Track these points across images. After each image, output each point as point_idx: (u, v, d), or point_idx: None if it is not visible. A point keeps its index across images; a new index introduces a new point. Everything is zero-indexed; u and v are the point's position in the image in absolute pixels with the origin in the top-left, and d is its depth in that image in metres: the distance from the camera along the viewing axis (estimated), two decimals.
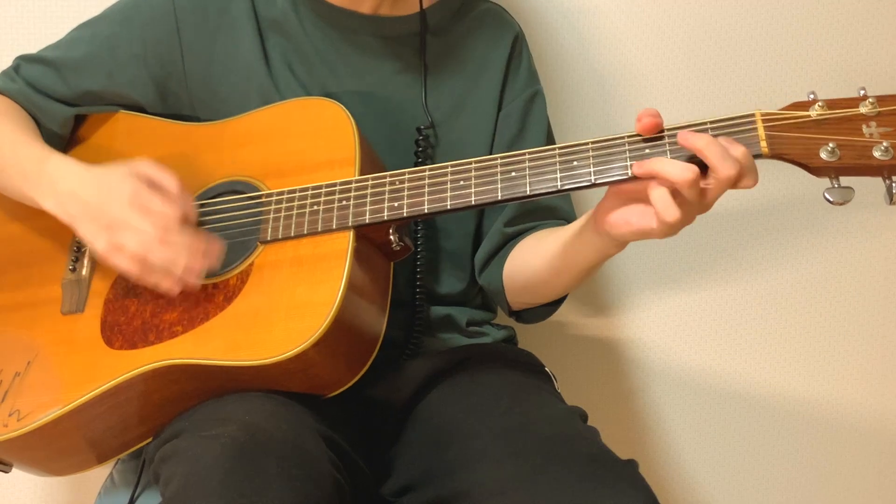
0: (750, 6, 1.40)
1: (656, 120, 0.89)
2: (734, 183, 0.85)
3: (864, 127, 0.82)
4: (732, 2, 1.40)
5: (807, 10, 1.40)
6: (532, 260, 1.09)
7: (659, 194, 0.86)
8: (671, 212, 0.86)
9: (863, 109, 0.83)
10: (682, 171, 0.85)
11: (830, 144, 0.82)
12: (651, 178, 0.87)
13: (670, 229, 0.88)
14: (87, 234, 0.99)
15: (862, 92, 0.84)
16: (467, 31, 1.16)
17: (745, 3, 1.40)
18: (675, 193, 0.86)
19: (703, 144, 0.85)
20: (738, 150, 0.85)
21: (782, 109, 0.86)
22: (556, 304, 1.15)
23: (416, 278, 1.11)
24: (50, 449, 1.03)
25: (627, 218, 0.91)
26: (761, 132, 0.85)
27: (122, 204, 0.97)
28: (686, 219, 0.88)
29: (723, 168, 0.84)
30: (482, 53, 1.16)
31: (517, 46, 1.18)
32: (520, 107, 1.16)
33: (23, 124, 1.10)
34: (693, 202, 0.86)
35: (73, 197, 1.00)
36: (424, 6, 1.13)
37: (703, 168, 0.86)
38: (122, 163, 1.02)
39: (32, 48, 1.16)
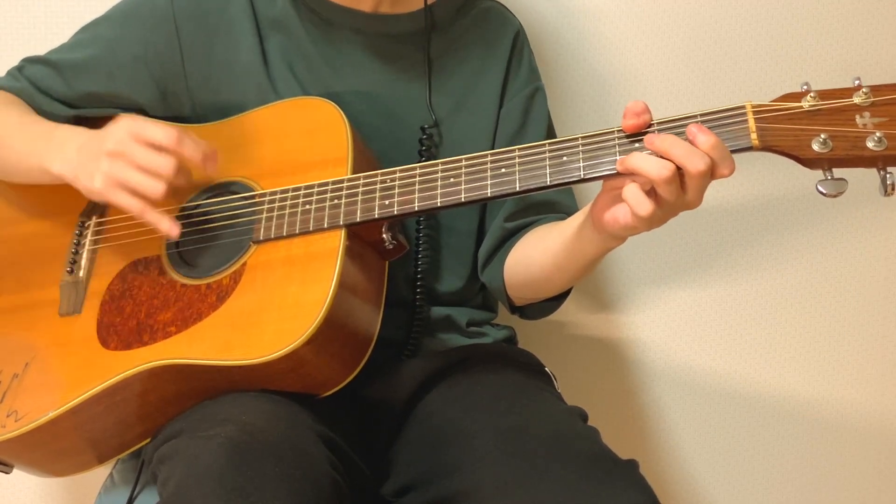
0: (749, 5, 1.39)
1: (640, 120, 0.88)
2: (707, 176, 0.85)
3: (857, 117, 0.81)
4: (732, 1, 1.39)
5: (805, 8, 1.39)
6: (534, 256, 1.09)
7: (629, 190, 0.86)
8: (643, 206, 0.86)
9: (856, 99, 0.82)
10: (659, 170, 0.84)
11: (822, 135, 0.81)
12: (632, 174, 0.87)
13: (648, 222, 0.88)
14: (86, 173, 0.99)
15: (856, 82, 0.83)
16: (469, 29, 1.16)
17: (744, 1, 1.39)
18: (652, 189, 0.86)
19: (667, 146, 0.85)
20: (708, 142, 0.84)
21: (774, 101, 0.85)
22: (559, 299, 1.14)
23: (417, 278, 1.10)
24: (49, 449, 1.04)
25: (615, 215, 0.91)
26: (752, 124, 0.84)
27: (119, 136, 0.97)
28: (667, 213, 0.88)
29: (691, 164, 0.84)
30: (483, 51, 1.16)
31: (518, 43, 1.18)
32: (521, 103, 1.16)
33: (28, 110, 1.11)
34: (671, 198, 0.86)
35: (79, 150, 1.01)
36: (427, 3, 1.12)
37: None
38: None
39: (35, 51, 1.17)
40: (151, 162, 0.96)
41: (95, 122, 1.13)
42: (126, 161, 0.97)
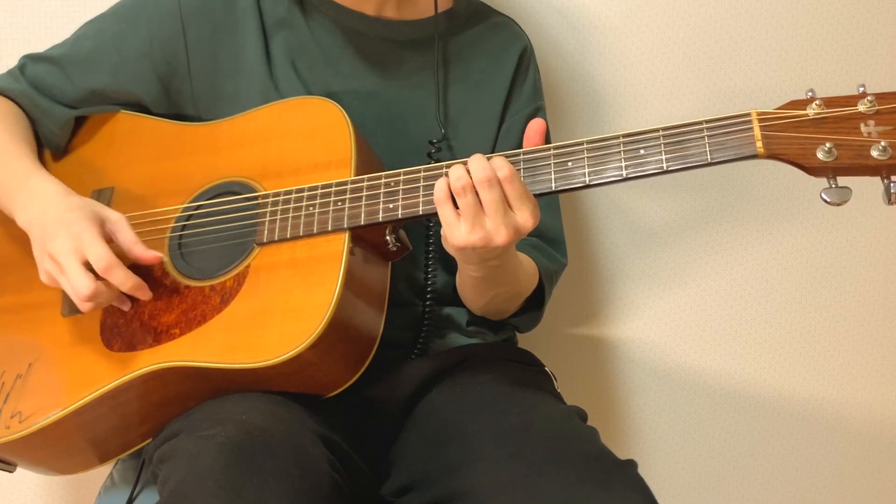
0: (750, 6, 1.39)
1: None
2: (492, 187, 0.89)
3: (862, 126, 0.81)
4: (732, 2, 1.39)
5: (807, 9, 1.39)
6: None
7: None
8: (449, 218, 0.91)
9: (861, 108, 0.82)
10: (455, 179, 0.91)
11: (827, 144, 0.81)
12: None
13: (454, 238, 0.92)
14: (37, 256, 1.01)
15: (861, 89, 0.83)
16: (475, 41, 1.16)
17: (746, 3, 1.39)
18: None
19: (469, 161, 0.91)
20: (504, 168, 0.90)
21: (779, 108, 0.85)
22: (518, 314, 1.15)
23: (427, 280, 1.10)
24: (52, 449, 1.04)
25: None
26: (757, 132, 0.84)
27: (64, 242, 0.98)
28: (478, 231, 0.90)
29: (478, 175, 0.90)
30: (488, 65, 1.16)
31: (524, 60, 1.18)
32: (521, 122, 1.16)
33: (17, 133, 1.10)
34: (469, 210, 0.90)
35: (39, 217, 1.02)
36: (437, 12, 1.12)
37: None
38: (93, 203, 1.03)
39: (35, 48, 1.16)
40: (77, 286, 0.97)
41: (92, 126, 1.15)
42: (59, 272, 0.99)
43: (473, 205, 0.89)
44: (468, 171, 0.90)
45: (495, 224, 0.90)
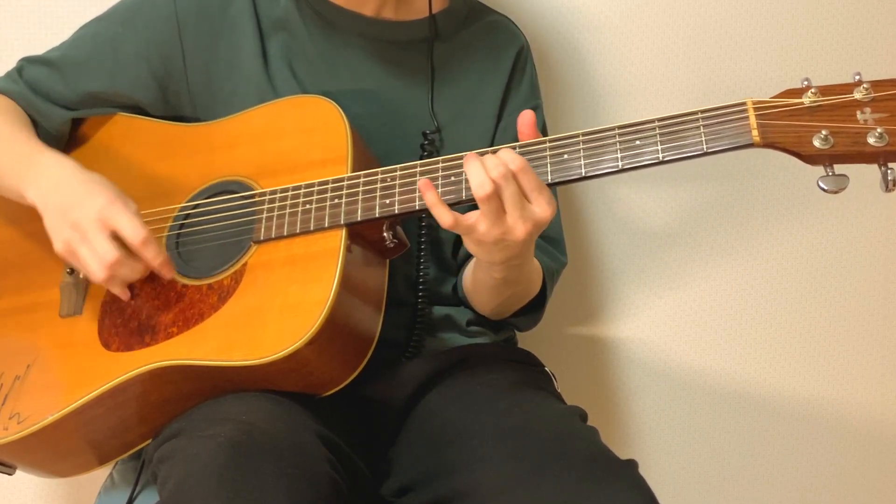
0: (748, 3, 1.39)
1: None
2: (508, 180, 0.89)
3: (858, 113, 0.81)
4: (732, 3, 1.39)
5: (806, 6, 1.40)
6: (466, 273, 1.12)
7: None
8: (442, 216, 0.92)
9: (857, 95, 0.82)
10: (479, 184, 0.90)
11: (823, 132, 0.81)
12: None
13: (474, 234, 0.92)
14: (52, 227, 1.01)
15: (857, 77, 0.83)
16: (472, 41, 1.17)
17: (745, 3, 1.39)
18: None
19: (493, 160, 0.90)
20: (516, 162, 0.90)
21: (775, 97, 0.85)
22: (521, 314, 1.15)
23: (419, 279, 1.11)
24: (51, 451, 1.04)
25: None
26: (752, 121, 0.84)
27: (90, 211, 0.98)
28: (496, 230, 0.91)
29: (495, 173, 0.89)
30: (486, 63, 1.16)
31: (521, 59, 1.19)
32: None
33: (21, 122, 1.11)
34: (490, 216, 0.90)
35: (55, 189, 1.01)
36: (431, 12, 1.13)
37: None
38: (112, 186, 1.03)
39: (34, 51, 1.16)
40: (102, 252, 0.98)
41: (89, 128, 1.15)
42: (81, 240, 0.98)
43: (497, 209, 0.89)
44: (487, 173, 0.89)
45: (514, 219, 0.90)
